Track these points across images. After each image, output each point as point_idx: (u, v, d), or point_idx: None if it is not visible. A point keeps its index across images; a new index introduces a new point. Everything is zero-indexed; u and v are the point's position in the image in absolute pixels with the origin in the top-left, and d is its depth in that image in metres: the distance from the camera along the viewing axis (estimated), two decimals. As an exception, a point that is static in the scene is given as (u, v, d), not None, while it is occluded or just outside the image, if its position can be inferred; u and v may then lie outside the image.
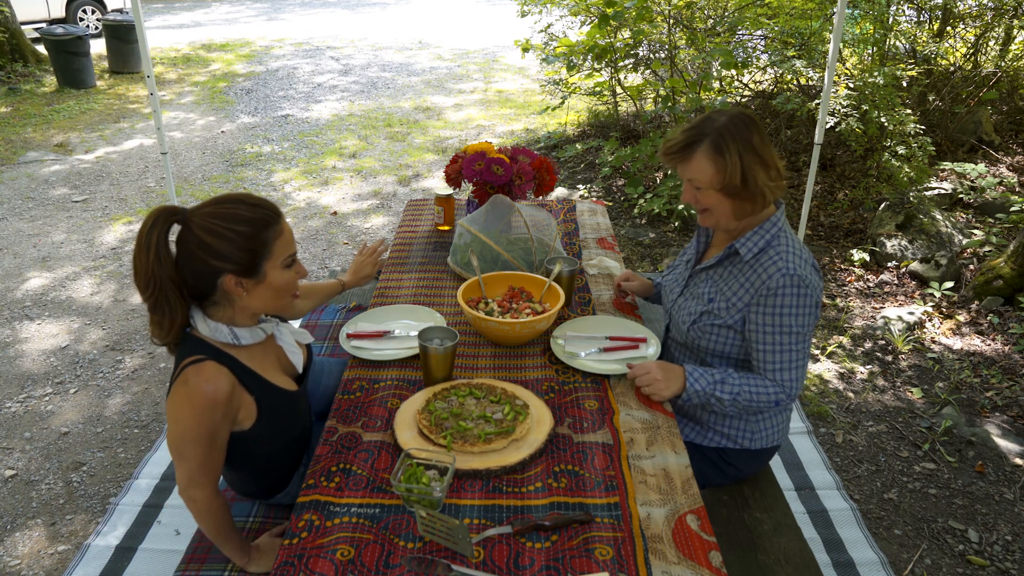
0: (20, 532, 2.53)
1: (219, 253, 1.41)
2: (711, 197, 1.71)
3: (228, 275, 1.43)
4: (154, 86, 3.46)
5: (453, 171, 2.57)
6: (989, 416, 3.09)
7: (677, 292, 1.95)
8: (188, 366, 1.42)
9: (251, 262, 1.43)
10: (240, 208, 1.44)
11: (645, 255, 4.49)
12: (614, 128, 6.44)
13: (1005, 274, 3.81)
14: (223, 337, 1.48)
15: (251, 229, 1.43)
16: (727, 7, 5.83)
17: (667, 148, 1.74)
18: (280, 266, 1.48)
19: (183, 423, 1.42)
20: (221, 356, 1.46)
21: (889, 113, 4.49)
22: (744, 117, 1.68)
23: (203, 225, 1.41)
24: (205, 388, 1.40)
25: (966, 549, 2.45)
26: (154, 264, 1.39)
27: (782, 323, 1.68)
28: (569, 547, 1.33)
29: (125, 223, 5.02)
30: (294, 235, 1.55)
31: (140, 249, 1.40)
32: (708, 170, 1.67)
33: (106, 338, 3.68)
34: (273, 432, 1.59)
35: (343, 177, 5.85)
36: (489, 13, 13.41)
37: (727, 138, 1.64)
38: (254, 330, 1.53)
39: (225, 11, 13.71)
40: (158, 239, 1.40)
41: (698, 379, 1.75)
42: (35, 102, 7.78)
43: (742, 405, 1.73)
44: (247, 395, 1.50)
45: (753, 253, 1.72)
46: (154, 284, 1.40)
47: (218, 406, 1.42)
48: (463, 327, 2.03)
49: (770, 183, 1.67)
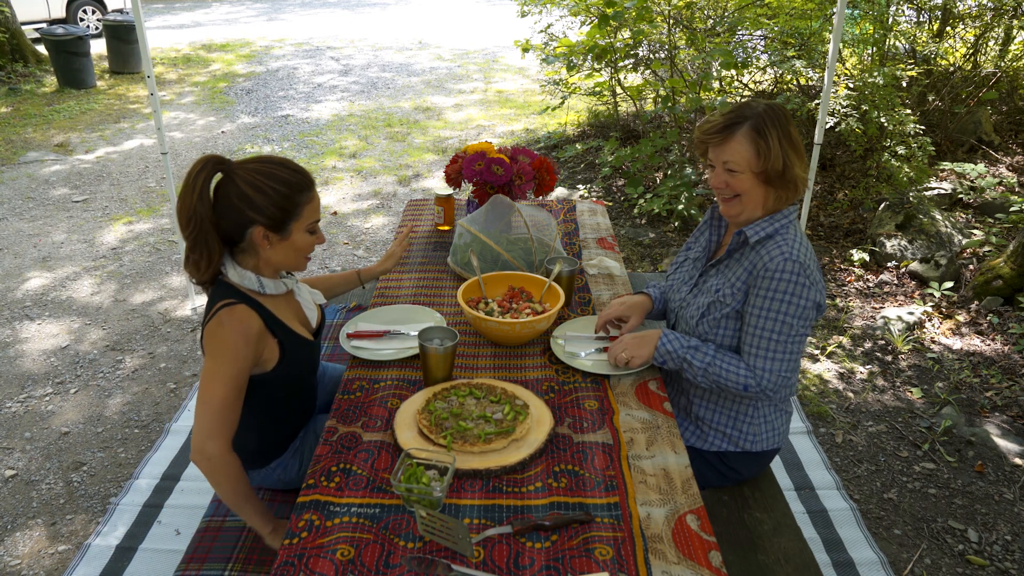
0: (20, 532, 2.53)
1: (256, 205, 1.55)
2: (745, 182, 1.68)
3: (259, 227, 1.57)
4: (154, 86, 3.46)
5: (453, 171, 2.57)
6: (989, 416, 3.09)
7: (686, 290, 1.91)
8: (221, 308, 1.57)
9: (281, 220, 1.59)
10: (282, 170, 1.59)
11: (645, 255, 4.49)
12: (614, 128, 6.44)
13: (1005, 274, 3.81)
14: (251, 284, 1.63)
15: (288, 190, 1.58)
16: (727, 7, 5.83)
17: (706, 129, 1.71)
18: (304, 229, 1.64)
19: (216, 358, 1.55)
20: (250, 301, 1.62)
21: (889, 113, 4.49)
22: (782, 108, 1.69)
23: (246, 178, 1.56)
24: (238, 326, 1.55)
25: (966, 549, 2.45)
26: (197, 204, 1.54)
27: (773, 308, 1.66)
28: (569, 547, 1.33)
29: (125, 223, 5.02)
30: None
31: (186, 189, 1.54)
32: (748, 152, 1.66)
33: (106, 338, 3.68)
34: (291, 374, 1.72)
35: (343, 177, 5.85)
36: (489, 13, 13.41)
37: (768, 123, 1.64)
38: (277, 282, 1.69)
39: (225, 11, 13.71)
40: (203, 182, 1.54)
41: (671, 340, 1.77)
42: (35, 102, 7.78)
43: (712, 378, 1.73)
44: (271, 338, 1.64)
45: (759, 237, 1.71)
46: (195, 223, 1.55)
47: (249, 342, 1.56)
48: (463, 327, 2.03)
49: (803, 175, 1.68)
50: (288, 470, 1.86)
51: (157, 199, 5.42)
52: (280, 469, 1.86)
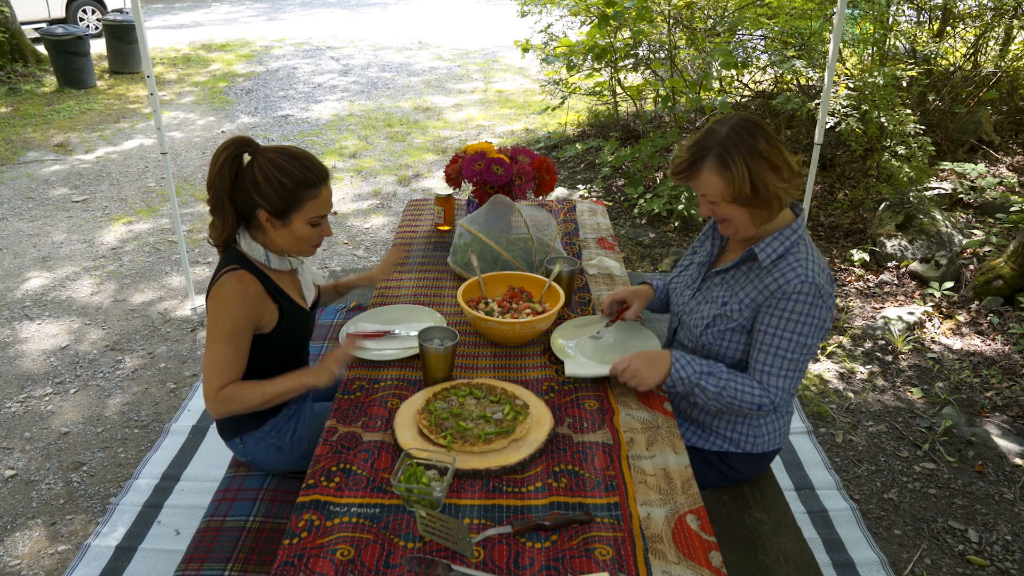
0: (20, 532, 2.53)
1: (262, 192, 1.70)
2: (726, 209, 1.69)
3: (263, 211, 1.72)
4: (154, 86, 3.46)
5: (453, 171, 2.57)
6: (989, 416, 3.09)
7: (688, 295, 1.91)
8: (227, 272, 1.72)
9: (283, 209, 1.72)
10: (294, 164, 1.71)
11: (645, 255, 4.49)
12: (614, 128, 6.44)
13: (1005, 274, 3.81)
14: (258, 255, 1.78)
15: (293, 185, 1.70)
16: (727, 7, 5.83)
17: (674, 168, 1.72)
18: (306, 221, 1.75)
19: (215, 317, 1.70)
20: (254, 269, 1.77)
21: (889, 113, 4.49)
22: (747, 123, 1.65)
23: (262, 165, 1.70)
24: (238, 287, 1.70)
25: (966, 549, 2.45)
26: (216, 177, 1.71)
27: (789, 328, 1.66)
28: (569, 547, 1.33)
29: (125, 223, 5.02)
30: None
31: (212, 162, 1.72)
32: (717, 184, 1.65)
33: (106, 338, 3.68)
34: (288, 337, 1.85)
35: (343, 177, 5.85)
36: (489, 13, 13.41)
37: (731, 149, 1.62)
38: (282, 259, 1.83)
39: (225, 11, 13.71)
40: (225, 160, 1.70)
41: (684, 366, 1.72)
42: (35, 102, 7.78)
43: (725, 401, 1.72)
44: (272, 302, 1.78)
45: (772, 259, 1.69)
46: (214, 192, 1.73)
47: (247, 303, 1.71)
48: (463, 327, 2.03)
49: (783, 184, 1.64)
50: (281, 435, 1.92)
51: (157, 199, 5.42)
52: (274, 433, 1.91)
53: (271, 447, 1.91)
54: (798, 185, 1.69)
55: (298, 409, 1.97)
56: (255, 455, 1.94)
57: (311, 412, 1.99)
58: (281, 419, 1.93)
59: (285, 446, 1.92)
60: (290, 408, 1.96)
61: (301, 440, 1.93)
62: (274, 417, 1.92)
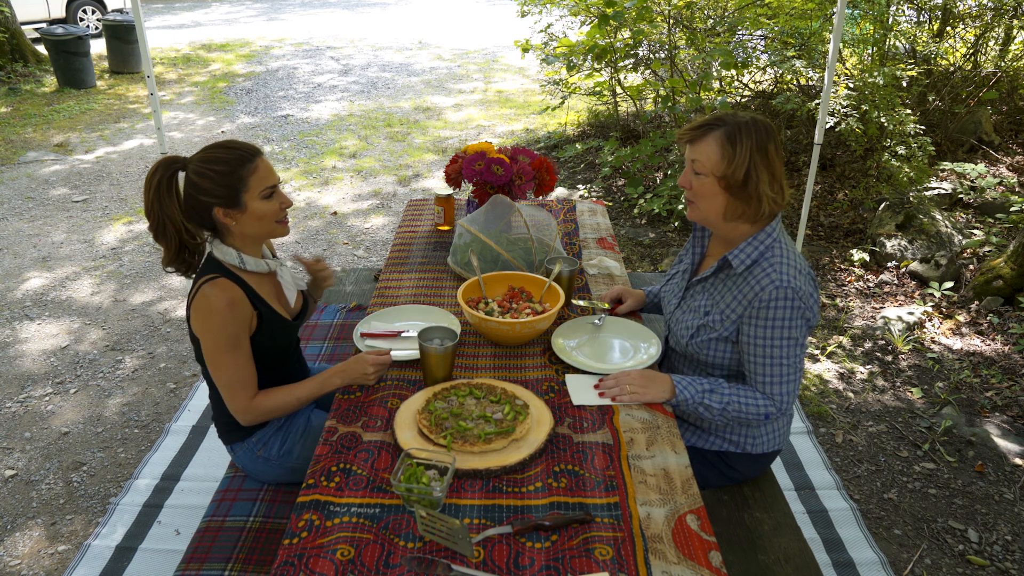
0: (20, 532, 2.53)
1: (205, 190, 1.68)
2: (707, 186, 1.68)
3: (217, 207, 1.69)
4: (154, 86, 3.46)
5: (453, 171, 2.57)
6: (989, 416, 3.09)
7: (675, 304, 1.93)
8: (204, 283, 1.68)
9: (231, 195, 1.69)
10: (219, 151, 1.70)
11: (645, 255, 4.49)
12: (614, 128, 6.44)
13: (1005, 274, 3.81)
14: (232, 260, 1.75)
15: (228, 168, 1.68)
16: (727, 7, 5.83)
17: (683, 130, 1.73)
18: (258, 197, 1.71)
19: (210, 332, 1.68)
20: (231, 275, 1.73)
21: (889, 113, 4.49)
22: (766, 125, 1.67)
23: (194, 169, 1.69)
24: (221, 294, 1.66)
25: (966, 549, 2.45)
26: (154, 201, 1.69)
27: (776, 335, 1.66)
28: (569, 547, 1.33)
29: (125, 223, 5.02)
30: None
31: (146, 188, 1.70)
32: (714, 156, 1.65)
33: (106, 338, 3.68)
34: (266, 347, 1.80)
35: (343, 177, 5.85)
36: (489, 13, 13.41)
37: (743, 132, 1.63)
38: (258, 261, 1.79)
39: (225, 11, 13.71)
40: (158, 183, 1.68)
41: (686, 388, 1.73)
42: (35, 102, 7.78)
43: (731, 416, 1.72)
44: (251, 308, 1.75)
45: (746, 264, 1.70)
46: (153, 217, 1.71)
47: (235, 307, 1.67)
48: (463, 327, 2.03)
49: (770, 193, 1.65)
50: (268, 447, 1.88)
51: (157, 199, 5.42)
52: (260, 444, 1.88)
53: (258, 459, 1.89)
54: (782, 203, 1.69)
55: (288, 421, 1.93)
56: (244, 464, 1.93)
57: (307, 425, 1.94)
58: (268, 430, 1.89)
59: (272, 458, 1.89)
60: (279, 420, 1.91)
61: (289, 453, 1.89)
62: (261, 428, 1.89)
